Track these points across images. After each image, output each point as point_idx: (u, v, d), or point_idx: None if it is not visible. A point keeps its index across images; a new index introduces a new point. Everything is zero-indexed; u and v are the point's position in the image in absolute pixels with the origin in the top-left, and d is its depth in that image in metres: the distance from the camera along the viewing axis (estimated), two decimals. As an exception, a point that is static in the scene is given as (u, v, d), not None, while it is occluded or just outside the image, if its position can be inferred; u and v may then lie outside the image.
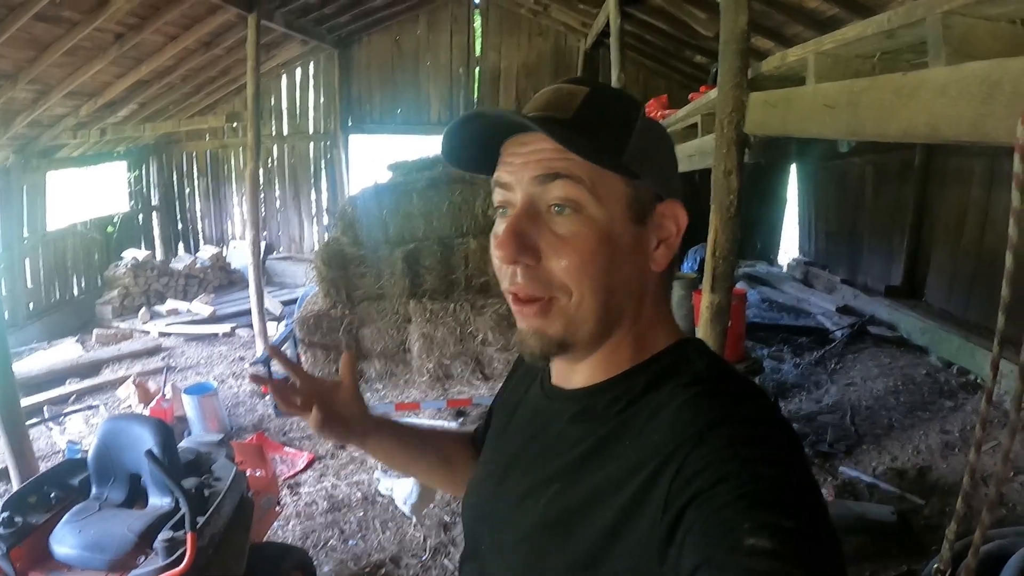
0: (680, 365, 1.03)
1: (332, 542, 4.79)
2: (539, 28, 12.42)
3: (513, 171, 1.01)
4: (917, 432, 5.98)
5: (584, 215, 0.97)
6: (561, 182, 0.96)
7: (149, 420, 3.57)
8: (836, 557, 0.77)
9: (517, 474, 1.13)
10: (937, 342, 7.81)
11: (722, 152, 3.35)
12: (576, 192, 0.96)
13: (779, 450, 0.87)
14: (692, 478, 0.83)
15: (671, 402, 0.96)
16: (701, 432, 0.88)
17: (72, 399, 7.38)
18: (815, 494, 0.83)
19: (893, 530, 4.44)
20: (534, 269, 0.98)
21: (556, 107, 0.99)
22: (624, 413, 1.00)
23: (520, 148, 1.00)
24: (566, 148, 0.94)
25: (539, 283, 0.99)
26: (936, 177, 8.59)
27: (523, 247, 0.97)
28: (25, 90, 7.38)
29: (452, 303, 6.75)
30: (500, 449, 1.24)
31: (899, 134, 2.08)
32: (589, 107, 0.99)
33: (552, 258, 0.97)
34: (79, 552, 3.10)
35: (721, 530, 0.76)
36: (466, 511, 1.28)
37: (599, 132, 0.97)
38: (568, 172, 0.96)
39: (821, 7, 6.27)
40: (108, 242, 11.63)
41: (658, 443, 0.91)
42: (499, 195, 1.04)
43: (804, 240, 12.67)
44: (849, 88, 2.38)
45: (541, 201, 0.98)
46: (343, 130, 12.97)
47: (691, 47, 9.47)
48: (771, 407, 0.97)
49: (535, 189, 0.98)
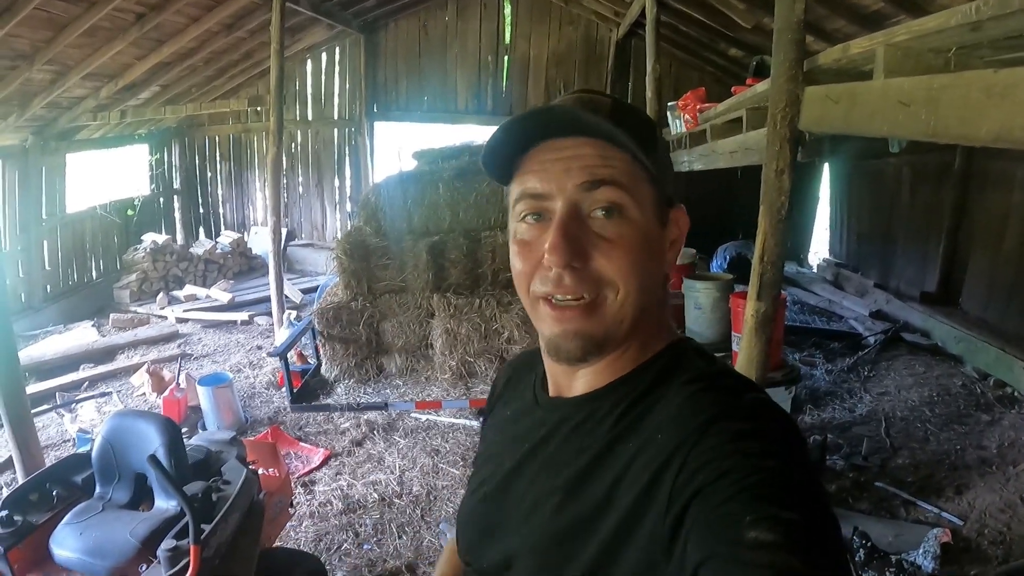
0: (680, 363, 1.06)
1: (346, 546, 4.64)
2: (570, 17, 12.22)
3: (551, 178, 1.01)
4: (953, 447, 5.78)
5: (627, 217, 1.00)
6: (607, 188, 0.99)
7: (156, 418, 3.43)
8: (837, 548, 0.79)
9: (520, 488, 1.13)
10: (973, 352, 7.57)
11: (774, 149, 3.15)
12: (621, 197, 1.00)
13: (780, 443, 0.88)
14: (695, 474, 0.85)
15: (673, 400, 0.98)
16: (702, 428, 0.89)
17: (85, 385, 7.29)
18: (816, 486, 0.84)
19: None
20: (581, 271, 1.00)
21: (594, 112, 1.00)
22: (629, 415, 1.02)
23: (554, 154, 1.02)
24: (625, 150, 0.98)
25: (588, 283, 1.00)
26: (976, 180, 8.33)
27: (575, 251, 0.99)
28: (43, 71, 7.31)
29: (477, 298, 6.56)
30: (498, 466, 1.21)
31: (989, 138, 1.86)
32: (620, 114, 1.02)
33: (600, 259, 1.00)
34: (79, 557, 2.99)
35: (723, 524, 0.78)
36: (463, 527, 1.27)
37: (635, 136, 0.98)
38: (613, 178, 0.99)
39: (866, 1, 6.03)
40: (128, 225, 11.63)
41: (661, 441, 0.93)
42: (529, 204, 1.04)
43: (835, 241, 12.40)
44: (928, 84, 2.15)
45: (584, 206, 1.01)
46: (368, 117, 12.87)
47: (727, 39, 9.23)
48: (770, 401, 0.98)
49: (580, 195, 1.00)
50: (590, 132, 0.99)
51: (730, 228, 10.95)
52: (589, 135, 1.00)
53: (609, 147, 0.99)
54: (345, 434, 6.18)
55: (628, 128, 0.98)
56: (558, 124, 1.02)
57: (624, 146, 0.98)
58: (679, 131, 6.74)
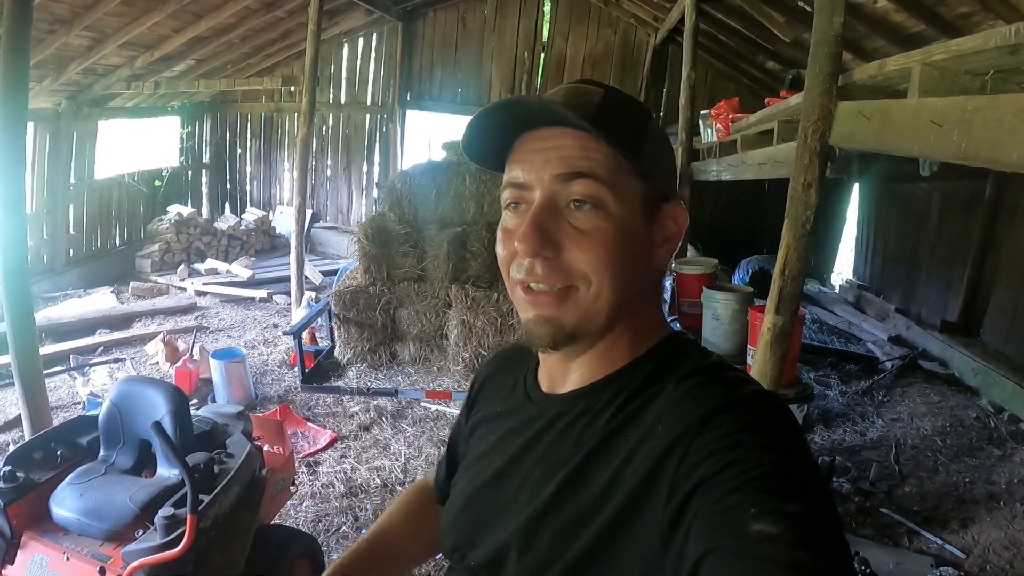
0: (677, 356, 1.06)
1: (345, 529, 4.63)
2: (609, 19, 12.19)
3: (532, 169, 1.03)
4: (963, 479, 5.70)
5: (603, 211, 1.00)
6: (583, 181, 1.00)
7: (165, 386, 3.42)
8: (840, 541, 0.78)
9: (514, 484, 1.12)
10: (990, 385, 7.46)
11: (803, 163, 3.12)
12: (598, 190, 0.99)
13: (781, 436, 0.88)
14: (696, 466, 0.85)
15: (672, 393, 0.98)
16: (703, 420, 0.89)
17: (100, 350, 7.35)
18: (818, 479, 0.86)
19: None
20: (553, 261, 1.01)
21: (577, 104, 1.00)
22: (626, 408, 1.02)
23: (538, 144, 1.03)
24: (603, 141, 0.98)
25: (559, 273, 1.01)
26: (1006, 211, 8.21)
27: (545, 240, 1.00)
28: (80, 36, 7.36)
29: (496, 292, 6.57)
30: (488, 463, 1.20)
31: (1022, 163, 1.83)
32: (608, 107, 1.01)
33: (573, 250, 1.00)
34: (77, 517, 2.99)
35: (727, 516, 0.77)
36: (449, 526, 1.25)
37: (619, 130, 1.00)
38: (590, 171, 0.99)
39: (907, 22, 6.01)
40: (154, 195, 11.73)
41: (661, 433, 0.93)
42: (511, 193, 1.06)
43: (859, 263, 12.29)
44: (962, 105, 2.12)
45: (561, 197, 1.01)
46: (400, 104, 12.90)
47: (765, 51, 9.19)
48: (769, 393, 0.98)
49: (557, 187, 1.01)
50: (570, 124, 0.99)
51: (755, 242, 10.91)
52: (571, 127, 1.00)
53: (591, 139, 0.99)
54: (353, 418, 6.18)
55: (615, 122, 0.99)
56: (539, 115, 1.03)
57: (608, 140, 0.98)
58: (710, 140, 6.71)
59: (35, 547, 3.00)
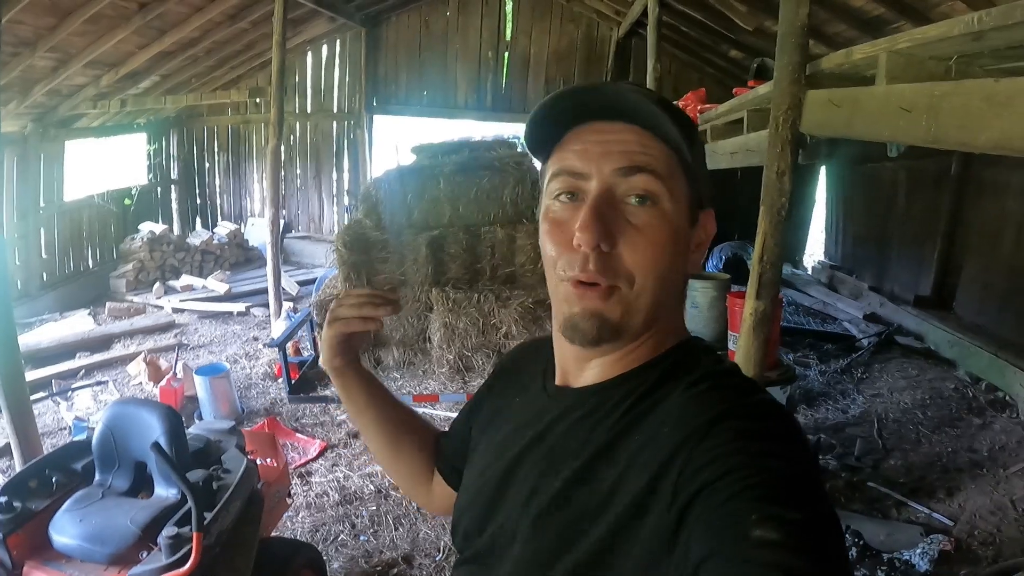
0: (688, 361, 1.07)
1: (343, 537, 4.67)
2: (571, 14, 12.26)
3: (590, 159, 1.02)
4: (945, 449, 5.85)
5: (659, 208, 1.00)
6: (644, 176, 0.99)
7: (157, 407, 3.43)
8: (841, 549, 0.79)
9: (523, 475, 1.12)
10: (966, 356, 7.64)
11: (776, 151, 3.19)
12: (656, 186, 1.00)
13: (785, 443, 0.88)
14: (699, 470, 0.85)
15: (680, 397, 0.98)
16: (708, 425, 0.90)
17: (81, 374, 7.30)
18: (820, 486, 0.85)
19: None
20: (607, 256, 0.99)
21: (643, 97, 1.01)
22: (634, 409, 1.02)
23: (596, 136, 1.03)
24: (670, 135, 0.99)
25: (608, 270, 1.00)
26: (972, 187, 8.39)
27: (604, 232, 0.98)
28: (44, 58, 7.31)
29: (476, 293, 6.61)
30: (500, 453, 1.20)
31: (988, 145, 1.90)
32: (664, 105, 1.01)
33: (626, 246, 1.00)
34: (79, 543, 2.98)
35: (728, 521, 0.78)
36: (461, 514, 1.26)
37: (680, 130, 1.00)
38: (651, 167, 1.00)
39: (867, 6, 6.11)
40: (125, 215, 11.63)
41: (666, 436, 0.93)
42: (564, 182, 1.04)
43: (831, 243, 12.48)
44: (929, 91, 2.19)
45: (619, 191, 1.01)
46: (367, 110, 12.88)
47: (728, 41, 9.28)
48: (776, 402, 0.98)
49: (616, 180, 1.00)
50: (634, 117, 1.01)
51: (727, 229, 11.00)
52: (633, 121, 1.01)
53: (650, 136, 1.00)
54: (341, 426, 6.20)
55: (672, 119, 0.99)
56: (603, 106, 1.03)
57: (667, 135, 1.00)
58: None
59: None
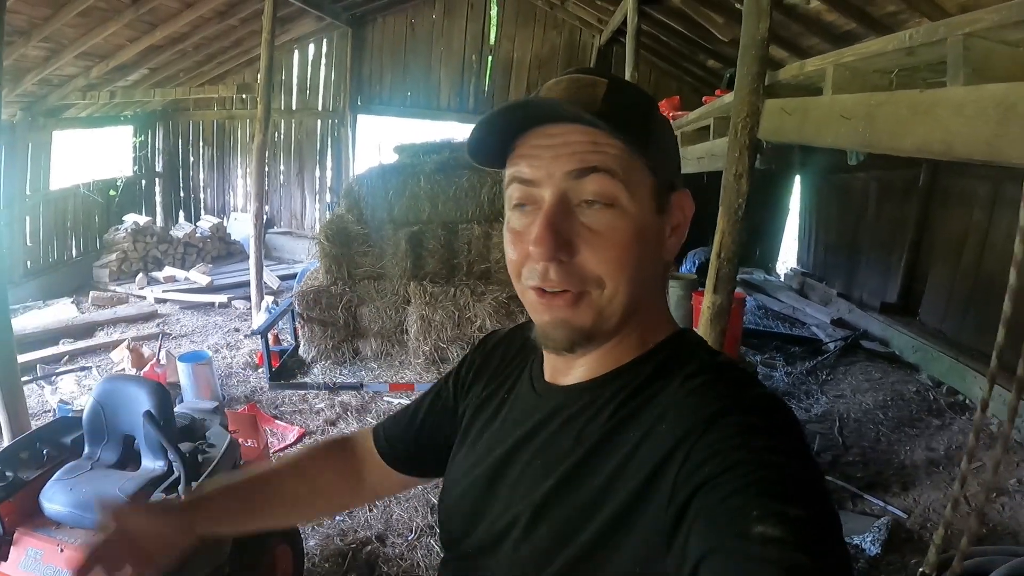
0: (683, 354, 1.04)
1: (319, 517, 4.82)
2: (555, 21, 12.44)
3: (541, 165, 0.98)
4: (903, 448, 6.01)
5: (617, 208, 0.96)
6: (597, 176, 0.95)
7: (147, 382, 3.55)
8: (841, 545, 0.78)
9: (514, 473, 1.10)
10: (929, 361, 7.84)
11: (734, 156, 3.39)
12: (612, 186, 0.95)
13: (785, 438, 0.87)
14: (699, 466, 0.83)
15: (677, 391, 0.96)
16: (708, 420, 0.88)
17: (65, 359, 7.41)
18: (820, 482, 0.83)
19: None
20: (567, 265, 0.97)
21: (581, 98, 0.97)
22: (629, 405, 1.00)
23: (546, 140, 0.98)
24: (617, 138, 0.94)
25: (573, 278, 0.97)
26: (939, 197, 8.62)
27: (560, 243, 0.95)
28: (37, 48, 7.40)
29: (452, 287, 6.78)
30: (489, 450, 1.18)
31: (913, 149, 2.11)
32: (614, 98, 0.98)
33: (587, 252, 0.96)
34: (69, 510, 3.10)
35: (729, 518, 0.77)
36: (449, 511, 1.24)
37: (629, 123, 0.95)
38: (604, 166, 0.95)
39: (838, 21, 6.29)
40: (109, 205, 11.68)
41: (664, 432, 0.91)
42: (518, 191, 1.01)
43: (803, 251, 12.70)
44: (866, 101, 2.41)
45: (574, 195, 0.97)
46: (351, 109, 13.00)
47: (706, 51, 9.48)
48: (775, 396, 0.96)
49: (568, 184, 0.96)
50: (580, 120, 0.95)
51: (700, 234, 11.16)
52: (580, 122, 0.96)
53: (601, 133, 0.95)
54: (319, 414, 6.33)
55: (621, 114, 0.95)
56: (545, 112, 0.98)
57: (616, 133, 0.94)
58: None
59: (28, 542, 3.09)
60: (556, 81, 1.03)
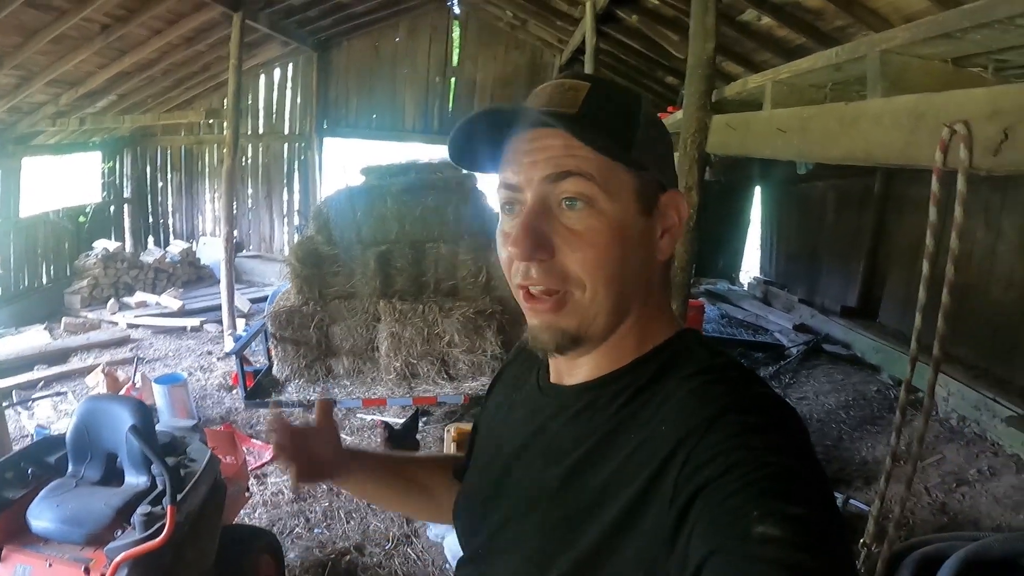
0: (683, 355, 1.04)
1: (298, 529, 4.93)
2: (516, 42, 12.63)
3: (521, 170, 1.00)
4: (865, 444, 6.22)
5: (596, 209, 0.97)
6: (572, 180, 0.97)
7: (129, 400, 3.67)
8: (844, 545, 0.78)
9: (519, 474, 1.12)
10: (889, 361, 8.07)
11: (684, 169, 3.57)
12: (587, 188, 0.96)
13: (786, 438, 0.87)
14: (700, 467, 0.84)
15: (677, 392, 0.96)
16: (708, 421, 0.88)
17: (41, 385, 7.44)
18: (823, 482, 0.84)
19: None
20: (548, 264, 0.99)
21: (562, 102, 0.99)
22: (630, 405, 1.00)
23: (526, 146, 1.00)
24: (586, 145, 0.96)
25: (554, 276, 0.99)
26: (893, 204, 8.93)
27: (537, 244, 0.98)
28: (8, 75, 7.46)
29: (421, 304, 6.87)
30: (498, 451, 1.21)
31: (840, 157, 2.30)
32: (594, 101, 0.99)
33: (566, 252, 0.98)
34: (57, 526, 3.18)
35: (730, 518, 0.77)
36: (461, 515, 1.28)
37: (608, 126, 0.98)
38: (579, 169, 0.96)
39: (789, 36, 6.47)
40: (79, 232, 11.63)
41: (665, 433, 0.92)
42: (505, 195, 1.04)
43: (765, 260, 12.99)
44: (800, 114, 2.61)
45: (552, 197, 0.98)
46: (318, 132, 13.07)
47: (663, 68, 9.69)
48: (776, 396, 0.96)
49: (546, 188, 0.98)
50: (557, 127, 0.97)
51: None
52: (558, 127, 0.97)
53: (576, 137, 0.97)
54: (294, 432, 6.38)
55: (601, 118, 0.97)
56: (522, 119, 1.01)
57: (593, 141, 0.96)
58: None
59: (17, 559, 3.17)
60: (544, 86, 1.05)
